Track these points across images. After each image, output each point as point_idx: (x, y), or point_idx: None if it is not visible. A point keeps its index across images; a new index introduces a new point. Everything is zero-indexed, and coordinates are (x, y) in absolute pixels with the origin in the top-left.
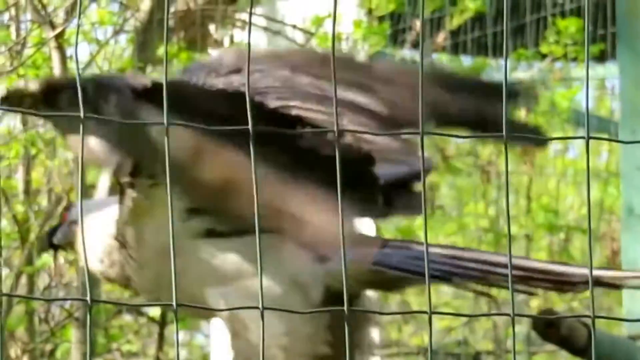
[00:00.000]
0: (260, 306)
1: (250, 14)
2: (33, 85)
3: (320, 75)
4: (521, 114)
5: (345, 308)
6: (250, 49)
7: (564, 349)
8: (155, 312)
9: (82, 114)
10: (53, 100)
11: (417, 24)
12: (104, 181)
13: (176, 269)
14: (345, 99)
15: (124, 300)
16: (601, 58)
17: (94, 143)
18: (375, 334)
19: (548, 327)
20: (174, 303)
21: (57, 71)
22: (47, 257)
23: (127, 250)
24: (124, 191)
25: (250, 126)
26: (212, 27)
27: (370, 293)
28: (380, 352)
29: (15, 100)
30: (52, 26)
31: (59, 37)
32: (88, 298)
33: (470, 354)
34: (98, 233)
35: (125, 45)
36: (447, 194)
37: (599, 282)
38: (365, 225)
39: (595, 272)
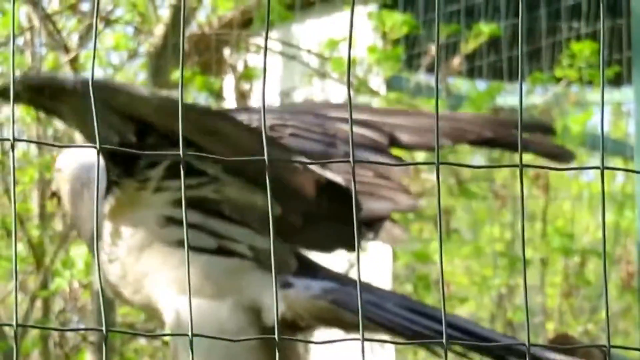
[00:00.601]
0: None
1: (266, 38)
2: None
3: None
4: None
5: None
6: (265, 74)
7: None
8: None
9: (97, 146)
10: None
11: (432, 48)
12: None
13: (143, 268)
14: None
15: (139, 325)
16: (617, 82)
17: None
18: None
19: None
20: (103, 329)
21: None
22: (61, 281)
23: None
24: (111, 188)
25: (265, 156)
26: (226, 52)
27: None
28: None
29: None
30: (67, 50)
31: (73, 61)
32: (103, 328)
33: None
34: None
35: (139, 69)
36: (463, 218)
37: None
38: (381, 252)
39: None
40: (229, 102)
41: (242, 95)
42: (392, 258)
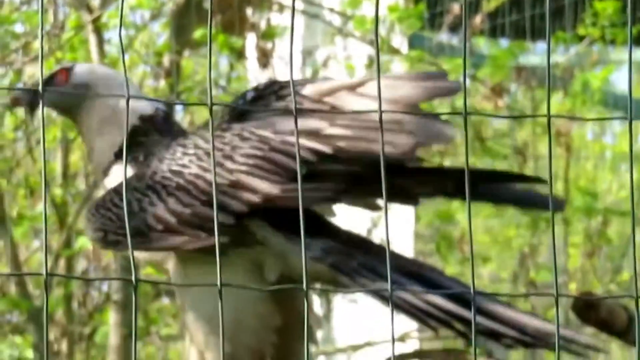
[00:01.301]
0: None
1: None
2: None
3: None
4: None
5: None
6: (293, 32)
7: (603, 331)
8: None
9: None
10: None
11: (454, 6)
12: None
13: None
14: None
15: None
16: (639, 42)
17: None
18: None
19: (587, 309)
20: (133, 279)
21: (94, 55)
22: (85, 240)
23: None
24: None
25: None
26: (248, 11)
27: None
28: (419, 335)
29: None
30: (90, 10)
31: (96, 20)
32: (133, 278)
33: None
34: None
35: (162, 29)
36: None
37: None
38: (404, 211)
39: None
40: (251, 61)
41: (263, 54)
42: (415, 217)
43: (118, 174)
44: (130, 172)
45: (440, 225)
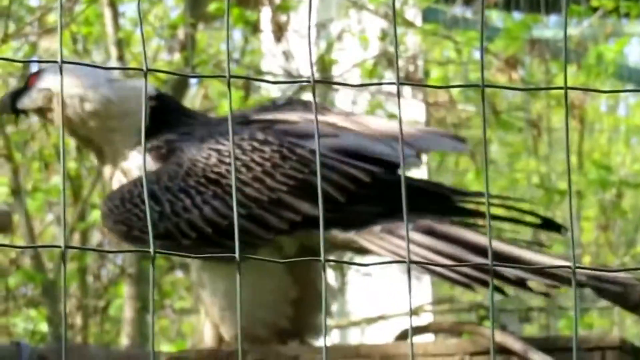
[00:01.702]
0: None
1: None
2: None
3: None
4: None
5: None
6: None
7: (618, 304)
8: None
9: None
10: None
11: None
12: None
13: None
14: None
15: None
16: None
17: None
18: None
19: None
20: (151, 250)
21: (109, 28)
22: (99, 214)
23: None
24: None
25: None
26: None
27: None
28: (432, 308)
29: None
30: None
31: None
32: (151, 250)
33: (522, 310)
34: None
35: (176, 2)
36: (499, 150)
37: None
38: None
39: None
40: (266, 34)
41: (278, 28)
42: None
43: (139, 163)
44: (155, 164)
45: None
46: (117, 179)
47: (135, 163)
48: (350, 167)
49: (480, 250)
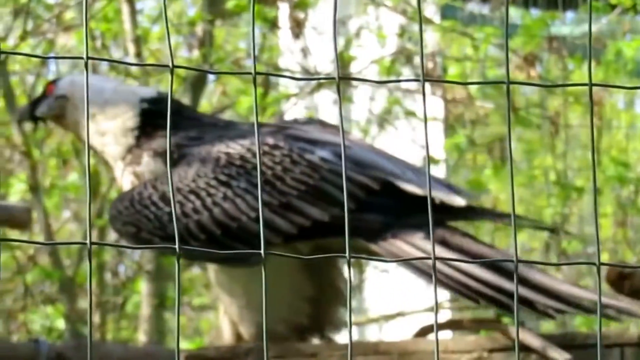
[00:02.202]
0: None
1: None
2: None
3: None
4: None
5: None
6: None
7: (637, 300)
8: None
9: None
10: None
11: None
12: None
13: None
14: None
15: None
16: None
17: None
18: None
19: (621, 279)
20: (176, 247)
21: (126, 25)
22: None
23: None
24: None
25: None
26: None
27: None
28: (450, 305)
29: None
30: None
31: None
32: (177, 246)
33: None
34: None
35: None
36: (516, 147)
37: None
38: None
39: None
40: (284, 31)
41: (296, 24)
42: None
43: (151, 167)
44: (164, 166)
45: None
46: (128, 181)
47: (149, 167)
48: (360, 175)
49: (490, 265)
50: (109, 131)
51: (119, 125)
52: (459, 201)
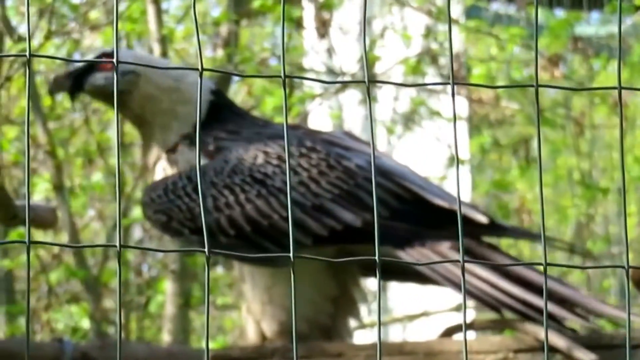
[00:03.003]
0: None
1: None
2: None
3: None
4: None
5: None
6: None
7: None
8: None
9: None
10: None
11: None
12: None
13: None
14: None
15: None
16: None
17: None
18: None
19: None
20: (206, 250)
21: (152, 25)
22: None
23: None
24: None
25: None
26: None
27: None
28: (474, 305)
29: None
30: None
31: None
32: (206, 250)
33: None
34: None
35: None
36: (542, 147)
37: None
38: (461, 181)
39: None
40: (309, 31)
41: (322, 24)
42: (472, 187)
43: (187, 156)
44: (202, 160)
45: (497, 194)
46: (161, 168)
47: (184, 156)
48: (392, 184)
49: (512, 277)
50: (179, 116)
51: (191, 112)
52: (482, 219)
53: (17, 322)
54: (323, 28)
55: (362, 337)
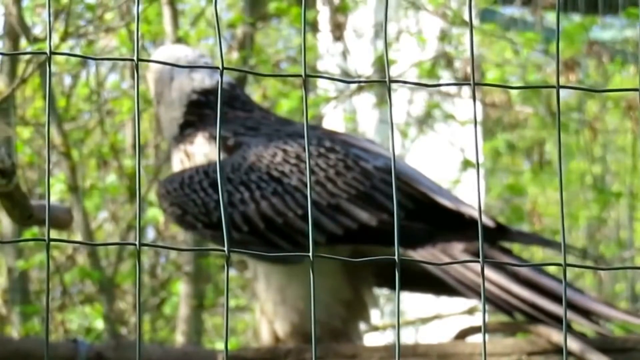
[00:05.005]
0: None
1: None
2: None
3: None
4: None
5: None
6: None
7: None
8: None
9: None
10: None
11: None
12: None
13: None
14: None
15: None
16: None
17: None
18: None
19: None
20: (226, 249)
21: (167, 27)
22: (156, 211)
23: None
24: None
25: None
26: None
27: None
28: (488, 308)
29: None
30: None
31: None
32: (226, 249)
33: None
34: None
35: (234, 0)
36: (554, 150)
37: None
38: (474, 184)
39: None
40: (323, 33)
41: (337, 27)
42: (485, 190)
43: (205, 150)
44: (222, 155)
45: (510, 197)
46: (178, 159)
47: (201, 149)
48: (408, 186)
49: (523, 280)
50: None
51: (169, 113)
52: (489, 222)
53: (32, 322)
54: (338, 31)
55: (373, 339)
